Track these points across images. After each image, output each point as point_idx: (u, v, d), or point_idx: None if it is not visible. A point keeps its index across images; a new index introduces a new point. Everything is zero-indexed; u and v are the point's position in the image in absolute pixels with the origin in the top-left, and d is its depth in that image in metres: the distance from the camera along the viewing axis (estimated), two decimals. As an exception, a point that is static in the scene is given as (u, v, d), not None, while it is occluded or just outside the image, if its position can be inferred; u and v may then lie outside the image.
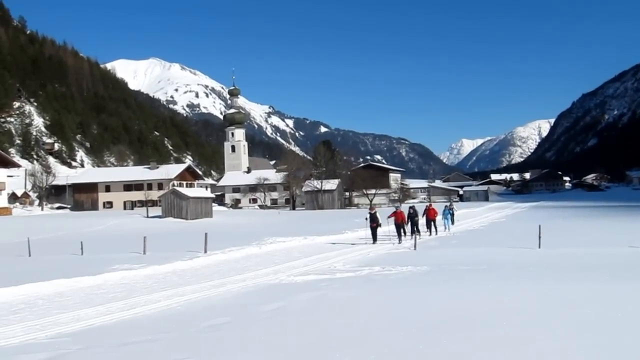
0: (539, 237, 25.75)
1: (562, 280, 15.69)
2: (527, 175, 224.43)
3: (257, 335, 10.81)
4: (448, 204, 46.14)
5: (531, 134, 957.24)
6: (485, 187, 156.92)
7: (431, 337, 9.91)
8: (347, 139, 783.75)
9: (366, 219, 31.92)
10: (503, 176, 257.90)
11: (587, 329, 10.18)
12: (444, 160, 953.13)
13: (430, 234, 35.98)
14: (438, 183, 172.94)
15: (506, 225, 45.25)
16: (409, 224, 33.89)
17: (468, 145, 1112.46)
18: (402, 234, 32.40)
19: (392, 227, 32.82)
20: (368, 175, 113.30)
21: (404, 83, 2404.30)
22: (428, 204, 42.06)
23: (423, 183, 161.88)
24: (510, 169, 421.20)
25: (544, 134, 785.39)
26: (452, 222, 42.20)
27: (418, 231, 33.43)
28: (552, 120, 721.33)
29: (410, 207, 35.23)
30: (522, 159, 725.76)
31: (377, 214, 31.56)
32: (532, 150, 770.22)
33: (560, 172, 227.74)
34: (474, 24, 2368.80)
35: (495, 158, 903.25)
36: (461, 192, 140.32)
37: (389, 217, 32.46)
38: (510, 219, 53.57)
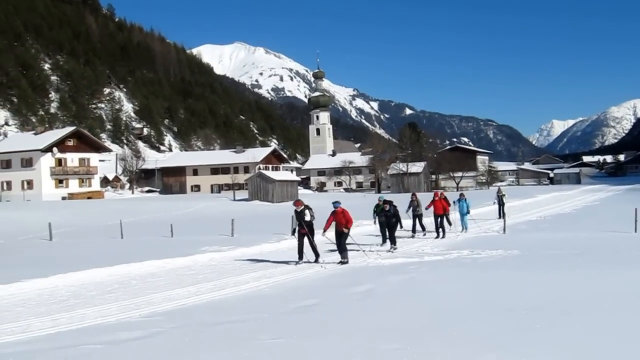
0: (635, 221, 24.79)
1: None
2: (622, 157, 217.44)
3: (346, 317, 10.80)
4: (462, 192, 32.69)
5: (626, 114, 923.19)
6: (576, 170, 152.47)
7: (524, 322, 9.69)
8: (432, 121, 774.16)
9: (294, 230, 20.21)
10: (595, 158, 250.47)
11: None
12: (533, 142, 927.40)
13: (438, 236, 25.76)
14: (527, 165, 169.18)
15: (600, 208, 43.72)
16: (386, 228, 23.01)
17: (558, 127, 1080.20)
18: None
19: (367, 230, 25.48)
20: (454, 158, 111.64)
21: (491, 65, 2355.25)
22: (438, 191, 30.74)
23: (512, 166, 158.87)
24: (603, 150, 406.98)
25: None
26: (503, 215, 32.48)
27: (393, 241, 22.20)
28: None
29: (385, 202, 23.14)
30: (615, 140, 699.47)
31: (308, 212, 19.12)
32: (626, 131, 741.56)
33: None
34: (563, 3, 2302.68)
35: (587, 139, 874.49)
36: (552, 175, 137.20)
37: (326, 227, 19.26)
38: (604, 202, 51.84)
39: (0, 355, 8.95)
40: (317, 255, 18.86)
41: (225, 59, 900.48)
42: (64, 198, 79.32)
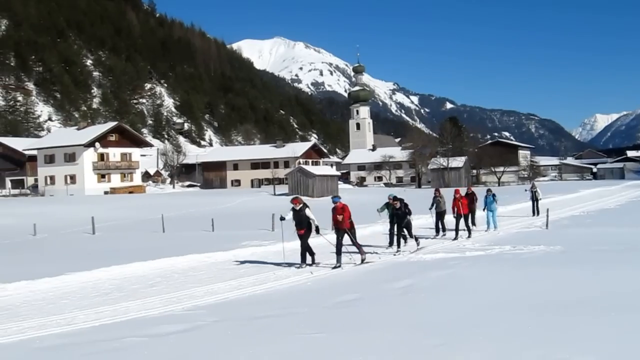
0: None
1: None
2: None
3: (387, 312, 10.77)
4: (491, 188, 31.48)
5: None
6: (620, 165, 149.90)
7: (566, 319, 9.54)
8: (473, 115, 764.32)
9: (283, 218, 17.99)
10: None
11: None
12: (576, 137, 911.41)
13: (456, 237, 23.44)
14: (570, 160, 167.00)
15: (645, 204, 43.02)
16: (395, 227, 20.83)
17: (602, 121, 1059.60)
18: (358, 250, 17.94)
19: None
20: (496, 153, 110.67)
21: (532, 59, 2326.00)
22: (458, 189, 26.70)
23: (554, 160, 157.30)
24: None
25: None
26: (537, 212, 31.65)
27: (408, 238, 20.79)
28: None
29: (395, 200, 21.06)
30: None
31: (308, 212, 17.29)
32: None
33: None
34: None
35: (631, 134, 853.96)
36: (595, 170, 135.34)
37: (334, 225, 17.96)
38: (649, 197, 50.96)
39: (46, 347, 9.09)
40: (310, 256, 17.54)
41: (265, 53, 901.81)
42: (106, 192, 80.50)
